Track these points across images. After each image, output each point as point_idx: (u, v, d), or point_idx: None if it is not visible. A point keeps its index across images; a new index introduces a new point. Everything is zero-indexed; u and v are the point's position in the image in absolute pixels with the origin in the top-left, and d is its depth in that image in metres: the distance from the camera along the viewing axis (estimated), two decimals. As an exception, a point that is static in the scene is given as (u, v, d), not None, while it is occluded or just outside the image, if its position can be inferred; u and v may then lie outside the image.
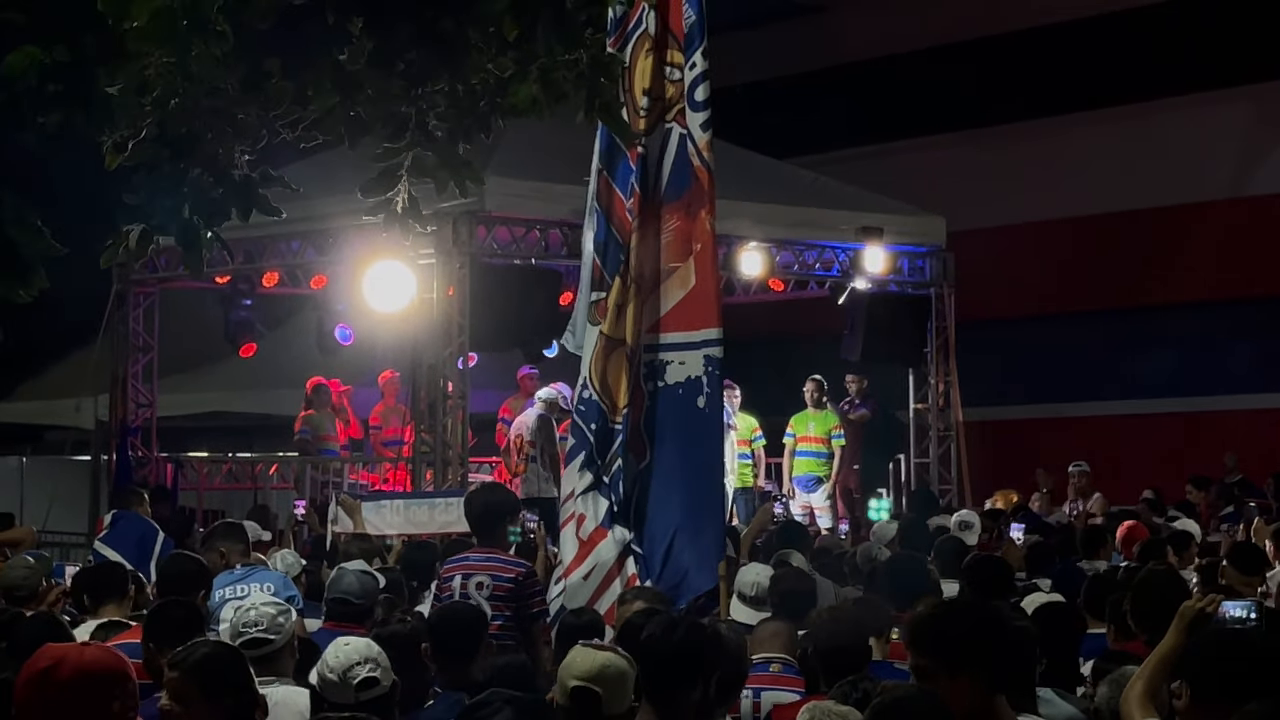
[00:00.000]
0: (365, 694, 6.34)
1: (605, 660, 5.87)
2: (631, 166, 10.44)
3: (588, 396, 10.41)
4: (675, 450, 10.17)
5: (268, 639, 7.09)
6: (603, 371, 10.37)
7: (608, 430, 10.29)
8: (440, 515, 12.98)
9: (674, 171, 10.41)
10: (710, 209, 10.42)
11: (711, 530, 10.13)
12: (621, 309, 10.37)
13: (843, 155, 26.66)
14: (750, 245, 18.27)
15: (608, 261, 10.53)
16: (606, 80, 6.20)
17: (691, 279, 10.41)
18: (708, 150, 10.39)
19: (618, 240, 10.50)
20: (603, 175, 10.56)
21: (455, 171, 6.23)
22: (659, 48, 10.39)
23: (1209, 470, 20.03)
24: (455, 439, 16.74)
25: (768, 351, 22.67)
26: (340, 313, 17.90)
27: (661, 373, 10.33)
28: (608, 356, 10.38)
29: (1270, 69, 24.34)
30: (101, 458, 19.75)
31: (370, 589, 9.10)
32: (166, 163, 5.81)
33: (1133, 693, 5.64)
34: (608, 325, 10.42)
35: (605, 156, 10.54)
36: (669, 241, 10.42)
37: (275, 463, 19.27)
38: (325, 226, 17.05)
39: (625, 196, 10.48)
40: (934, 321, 19.87)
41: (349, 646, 6.48)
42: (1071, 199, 25.62)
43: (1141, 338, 25.08)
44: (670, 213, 10.42)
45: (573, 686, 5.78)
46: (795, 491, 19.61)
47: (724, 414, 11.37)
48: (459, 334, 16.53)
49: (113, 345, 19.76)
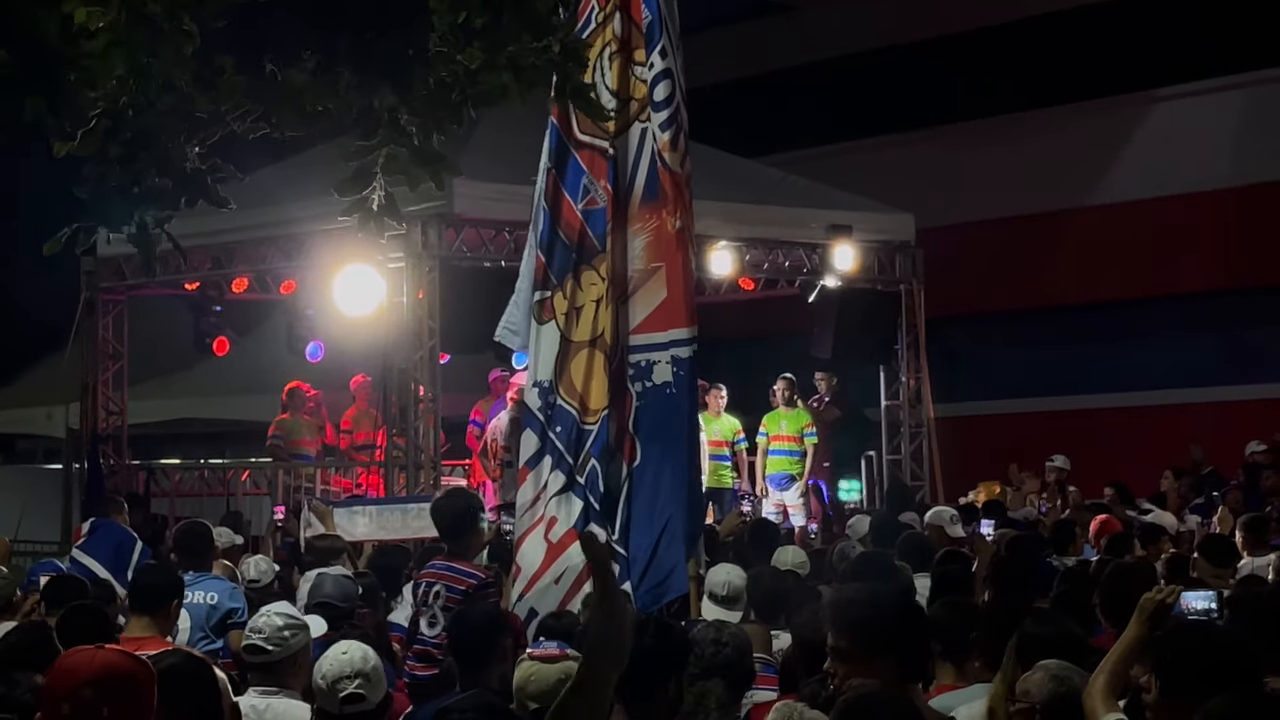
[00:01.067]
0: (350, 708, 6.33)
1: (560, 673, 5.73)
2: (582, 167, 10.40)
3: (553, 401, 10.36)
4: (664, 449, 10.16)
5: (264, 649, 7.14)
6: (567, 374, 10.34)
7: (577, 433, 10.26)
8: (413, 521, 12.97)
9: (650, 171, 10.40)
10: (673, 209, 10.37)
11: (694, 530, 10.14)
12: (580, 311, 10.34)
13: (811, 153, 26.68)
14: (720, 244, 18.31)
15: (554, 261, 10.49)
16: (575, 65, 6.21)
17: (666, 279, 10.40)
18: (668, 150, 10.34)
19: (564, 241, 10.46)
20: (551, 174, 10.51)
21: (430, 166, 6.22)
22: (625, 47, 10.37)
23: (1176, 463, 20.09)
24: (427, 443, 16.73)
25: (739, 351, 22.68)
26: (310, 319, 17.88)
27: (649, 373, 10.30)
28: (571, 359, 10.35)
29: (1238, 63, 24.45)
30: (73, 466, 19.69)
31: (350, 592, 9.11)
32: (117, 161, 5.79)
33: (1095, 686, 5.64)
34: (568, 328, 10.39)
35: (554, 156, 10.48)
36: (650, 241, 10.38)
37: (247, 469, 19.23)
38: (294, 231, 17.03)
39: (574, 198, 10.45)
40: (904, 318, 19.92)
41: (345, 657, 6.46)
42: (1040, 195, 25.68)
43: (1110, 333, 25.18)
44: (650, 213, 10.39)
45: (534, 709, 5.70)
46: (768, 490, 19.63)
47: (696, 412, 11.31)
48: (429, 337, 16.53)
49: (82, 353, 19.70)
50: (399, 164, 6.12)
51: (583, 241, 10.47)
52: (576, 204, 10.45)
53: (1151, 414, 24.35)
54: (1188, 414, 23.71)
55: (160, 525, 17.00)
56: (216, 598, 9.52)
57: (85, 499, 18.15)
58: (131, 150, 5.77)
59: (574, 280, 10.42)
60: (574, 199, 10.46)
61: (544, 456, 10.30)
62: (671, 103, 10.29)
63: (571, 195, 10.47)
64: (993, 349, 25.65)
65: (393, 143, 6.03)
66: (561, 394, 10.34)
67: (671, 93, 10.29)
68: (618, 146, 10.39)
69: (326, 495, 16.95)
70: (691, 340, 10.30)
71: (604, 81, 10.29)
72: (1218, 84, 24.75)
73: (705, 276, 18.65)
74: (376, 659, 6.60)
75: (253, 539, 16.37)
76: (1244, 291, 23.98)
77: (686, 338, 10.29)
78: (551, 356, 10.40)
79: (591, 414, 10.25)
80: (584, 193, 10.43)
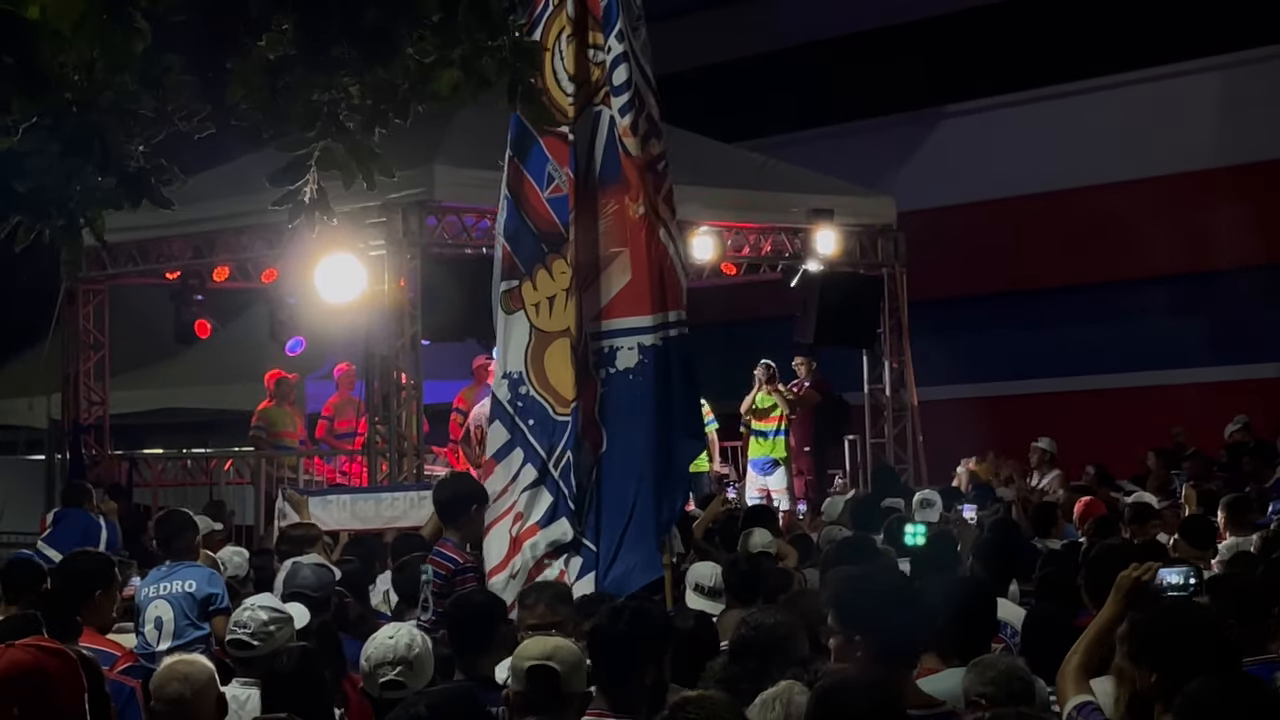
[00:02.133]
0: (389, 694, 6.37)
1: (558, 644, 5.92)
2: (546, 155, 10.31)
3: (524, 392, 10.29)
4: (629, 437, 10.12)
5: (249, 644, 7.20)
6: (540, 366, 10.28)
7: (551, 424, 10.20)
8: (386, 510, 13.03)
9: (607, 154, 10.30)
10: (636, 194, 10.28)
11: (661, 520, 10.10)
12: (553, 300, 10.27)
13: (792, 138, 26.70)
14: (701, 229, 18.30)
15: (520, 250, 10.39)
16: (528, 66, 6.17)
17: (629, 265, 10.31)
18: (628, 136, 10.25)
19: (531, 230, 10.37)
20: (514, 162, 10.41)
21: (363, 163, 6.18)
22: (579, 30, 10.25)
23: (1157, 444, 20.13)
24: (410, 430, 16.72)
25: (721, 335, 22.67)
26: (291, 306, 17.85)
27: (612, 359, 10.23)
28: (544, 350, 10.28)
29: (1215, 45, 24.49)
30: (55, 457, 19.64)
31: (326, 580, 9.09)
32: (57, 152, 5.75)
33: (1069, 666, 5.61)
34: (540, 319, 10.31)
35: (516, 144, 10.39)
36: (609, 226, 10.27)
37: (230, 458, 19.20)
38: (275, 220, 16.88)
39: (539, 185, 10.37)
40: (886, 302, 19.93)
41: (390, 642, 6.52)
42: (1021, 177, 25.71)
43: (1091, 315, 25.22)
44: (608, 197, 10.30)
45: (529, 666, 5.76)
46: (751, 474, 19.64)
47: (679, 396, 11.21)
48: (411, 325, 16.51)
49: (63, 343, 19.66)
50: (334, 159, 6.08)
51: (551, 230, 10.38)
52: (543, 191, 10.35)
53: (1132, 395, 24.41)
54: (1168, 395, 23.77)
55: (143, 515, 16.96)
56: (195, 584, 9.50)
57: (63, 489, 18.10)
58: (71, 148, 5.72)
59: (545, 269, 10.35)
60: (540, 186, 10.37)
61: (513, 448, 10.23)
62: (630, 86, 10.17)
63: (537, 182, 10.37)
64: (974, 331, 25.66)
65: (330, 137, 5.98)
66: (534, 385, 10.26)
67: (629, 77, 10.18)
68: (576, 131, 10.32)
69: (310, 484, 16.94)
70: (660, 327, 10.21)
71: (561, 65, 10.23)
72: (1196, 65, 24.81)
73: (687, 261, 18.64)
74: (424, 645, 6.61)
75: (235, 528, 16.35)
76: (1223, 273, 24.02)
77: (652, 324, 10.20)
78: (521, 347, 10.33)
79: (565, 405, 10.19)
80: (549, 180, 10.35)
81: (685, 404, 10.44)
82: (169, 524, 10.20)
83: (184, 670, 5.97)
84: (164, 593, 9.41)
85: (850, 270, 19.80)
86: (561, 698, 5.74)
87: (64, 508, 13.70)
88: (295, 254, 17.05)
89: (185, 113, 5.88)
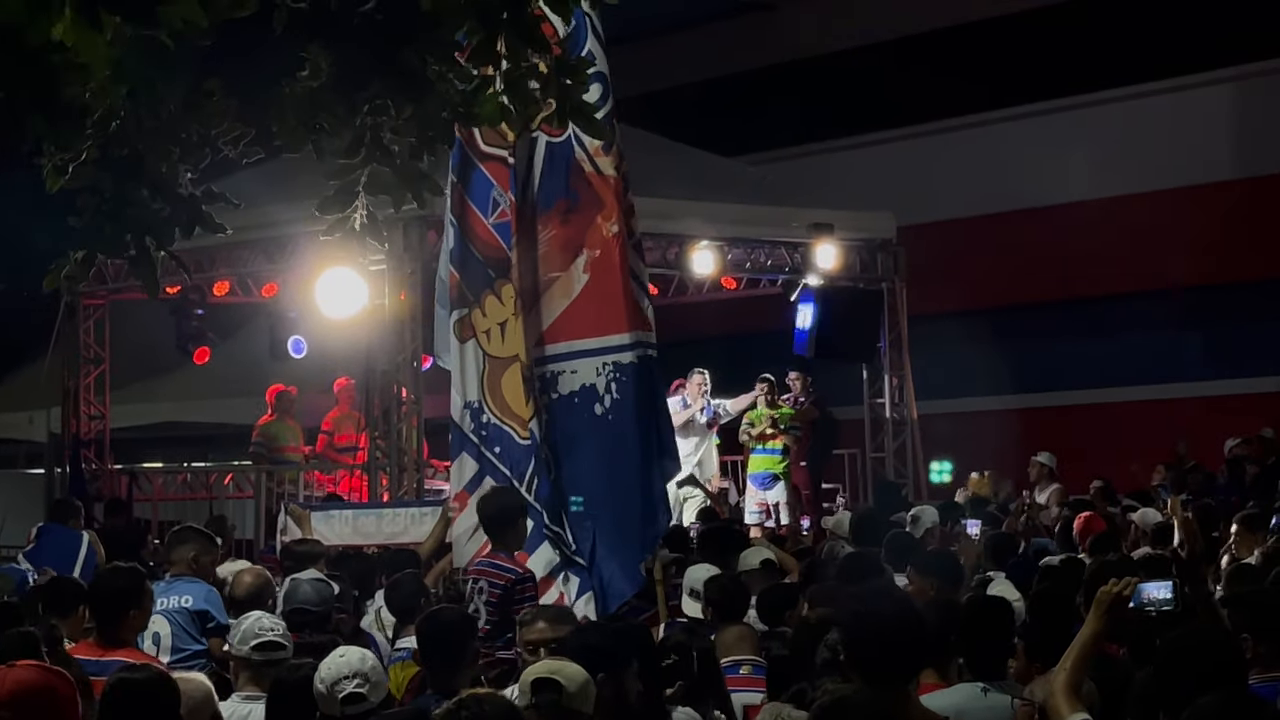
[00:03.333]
0: (351, 708, 6.35)
1: (564, 663, 5.97)
2: (490, 180, 10.23)
3: (486, 420, 10.23)
4: (582, 460, 10.10)
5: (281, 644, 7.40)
6: (498, 392, 10.23)
7: (518, 450, 10.16)
8: (387, 526, 13.03)
9: (545, 180, 10.26)
10: (610, 213, 10.24)
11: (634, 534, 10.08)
12: (504, 326, 10.22)
13: (792, 152, 26.73)
14: (702, 244, 18.30)
15: (469, 277, 10.30)
16: (574, 82, 6.13)
17: (575, 287, 10.24)
18: (600, 155, 10.21)
19: (477, 257, 10.30)
20: (457, 188, 10.33)
21: (412, 186, 6.17)
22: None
23: (1160, 458, 20.13)
24: (410, 445, 16.71)
25: (721, 349, 22.67)
26: (292, 320, 17.84)
27: (554, 384, 10.21)
28: (500, 376, 10.23)
29: (1214, 60, 24.51)
30: (55, 471, 19.63)
31: (326, 596, 9.09)
32: (109, 186, 5.77)
33: (1057, 684, 5.58)
34: (493, 346, 10.25)
35: (459, 169, 10.32)
36: (545, 252, 10.25)
37: (230, 472, 19.18)
38: (276, 234, 16.98)
39: (484, 211, 10.29)
40: (886, 316, 19.93)
41: (343, 659, 6.50)
42: (1021, 191, 25.71)
43: (1091, 329, 25.22)
44: (544, 223, 10.26)
45: (533, 680, 5.82)
46: (750, 488, 19.61)
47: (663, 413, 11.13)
48: (412, 340, 16.49)
49: (63, 357, 19.65)
50: (382, 183, 6.07)
51: (498, 255, 10.31)
52: (488, 217, 10.29)
53: (1133, 409, 24.39)
54: (1170, 409, 23.75)
55: (143, 529, 16.94)
56: (191, 600, 9.48)
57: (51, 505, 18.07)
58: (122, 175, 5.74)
59: (493, 295, 10.29)
60: (484, 212, 10.30)
61: (484, 477, 10.20)
62: (606, 103, 10.15)
63: (481, 208, 10.30)
64: (975, 346, 25.64)
65: (375, 161, 5.98)
66: (494, 412, 10.22)
67: (601, 95, 10.15)
68: (515, 156, 10.26)
69: (311, 499, 16.92)
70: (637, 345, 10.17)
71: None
72: (1196, 80, 24.82)
73: (687, 276, 18.69)
74: (376, 662, 6.61)
75: (236, 542, 16.33)
76: (1225, 287, 24.03)
77: (630, 342, 10.17)
78: (475, 375, 10.29)
79: (527, 428, 10.17)
80: (494, 205, 10.29)
81: (660, 423, 10.45)
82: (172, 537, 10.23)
83: (181, 688, 5.96)
84: (161, 608, 9.39)
85: (850, 285, 19.80)
86: (565, 713, 5.76)
87: (49, 523, 13.67)
88: (296, 269, 17.06)
89: (231, 137, 5.88)
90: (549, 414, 10.14)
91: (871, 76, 27.43)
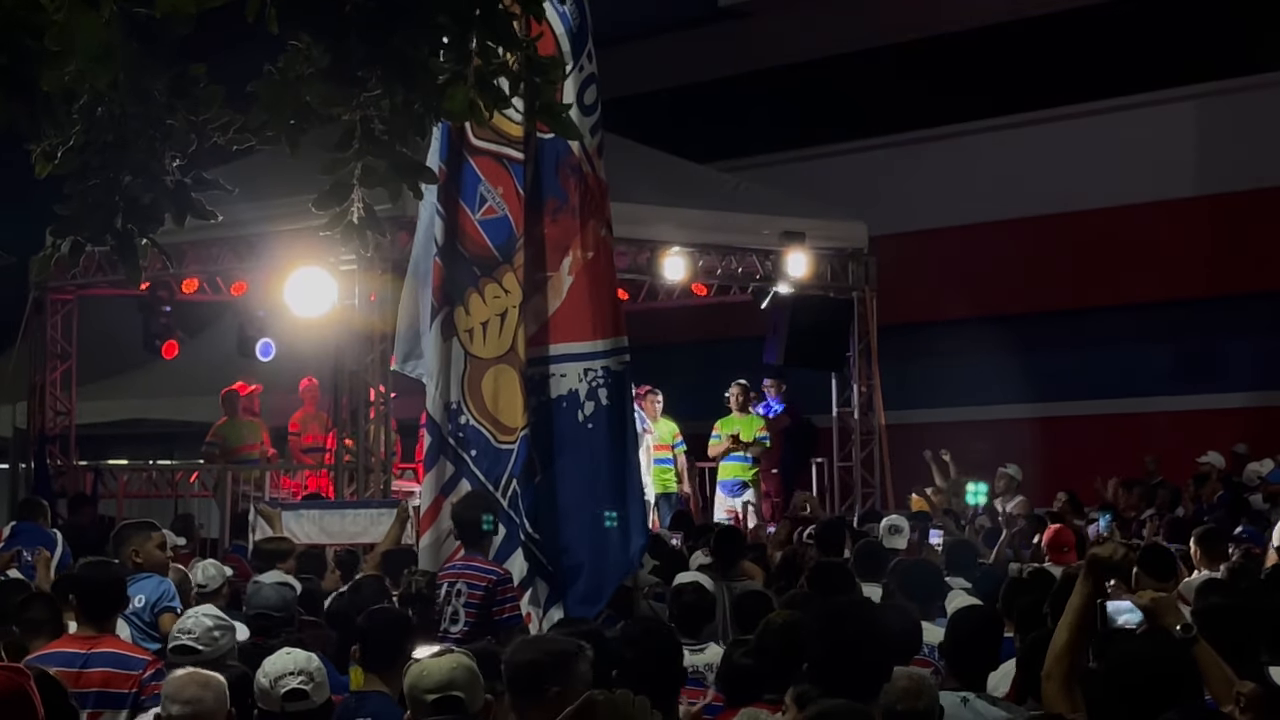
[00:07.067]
0: (292, 705, 6.32)
1: (452, 664, 5.84)
2: (478, 175, 10.07)
3: (464, 422, 10.10)
4: (565, 465, 10.05)
5: (194, 649, 7.23)
6: (478, 393, 10.11)
7: (494, 453, 10.06)
8: (350, 525, 13.12)
9: (542, 179, 10.18)
10: (603, 216, 10.19)
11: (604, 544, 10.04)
12: (487, 326, 10.10)
13: (765, 160, 26.74)
14: (673, 250, 18.29)
15: (452, 273, 10.10)
16: (545, 81, 6.10)
17: (564, 289, 10.16)
18: (597, 157, 10.15)
19: (463, 253, 10.15)
20: (446, 179, 10.07)
21: (409, 177, 6.13)
22: None
23: (1130, 472, 20.18)
24: (378, 446, 16.66)
25: (691, 356, 22.70)
26: (261, 319, 17.78)
27: (544, 387, 10.14)
28: (480, 377, 10.10)
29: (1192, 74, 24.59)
30: (20, 466, 19.53)
31: (289, 599, 9.09)
32: (96, 171, 5.72)
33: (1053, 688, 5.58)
34: (475, 345, 10.11)
35: (449, 162, 10.12)
36: (535, 253, 10.16)
37: (196, 470, 19.12)
38: (246, 233, 16.90)
39: (471, 206, 10.13)
40: (856, 325, 19.95)
41: (289, 656, 6.49)
42: (992, 203, 25.76)
43: (1062, 342, 25.29)
44: (536, 222, 10.17)
45: (433, 700, 5.72)
46: (720, 495, 19.61)
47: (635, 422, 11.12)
48: (381, 341, 16.43)
49: (30, 352, 19.55)
50: (377, 176, 6.03)
51: (483, 253, 10.15)
52: (474, 213, 10.14)
53: (1103, 423, 24.46)
54: (1139, 423, 23.82)
55: (107, 526, 16.85)
56: (143, 598, 9.43)
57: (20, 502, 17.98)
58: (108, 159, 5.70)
59: (477, 294, 10.16)
60: (471, 208, 10.15)
61: (459, 481, 10.12)
62: (597, 108, 10.12)
63: (469, 204, 10.14)
64: (945, 356, 25.69)
65: (369, 154, 5.95)
66: (473, 413, 10.09)
67: (597, 98, 10.12)
68: (526, 153, 10.13)
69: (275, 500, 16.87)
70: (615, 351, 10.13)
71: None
72: (1172, 95, 24.89)
73: (658, 281, 18.69)
74: (320, 664, 6.58)
75: (202, 541, 16.27)
76: (1196, 302, 24.11)
77: (609, 349, 10.12)
78: (458, 375, 10.17)
79: (508, 433, 10.03)
80: (481, 201, 10.15)
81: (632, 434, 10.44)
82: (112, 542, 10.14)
83: (203, 678, 6.03)
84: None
85: (821, 293, 19.81)
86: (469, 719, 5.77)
87: (19, 522, 13.60)
88: (265, 267, 17.00)
89: (219, 123, 5.84)
90: (537, 416, 10.05)
91: (846, 85, 27.46)
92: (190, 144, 5.94)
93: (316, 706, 6.37)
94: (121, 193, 5.85)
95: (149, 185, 5.90)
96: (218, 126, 5.88)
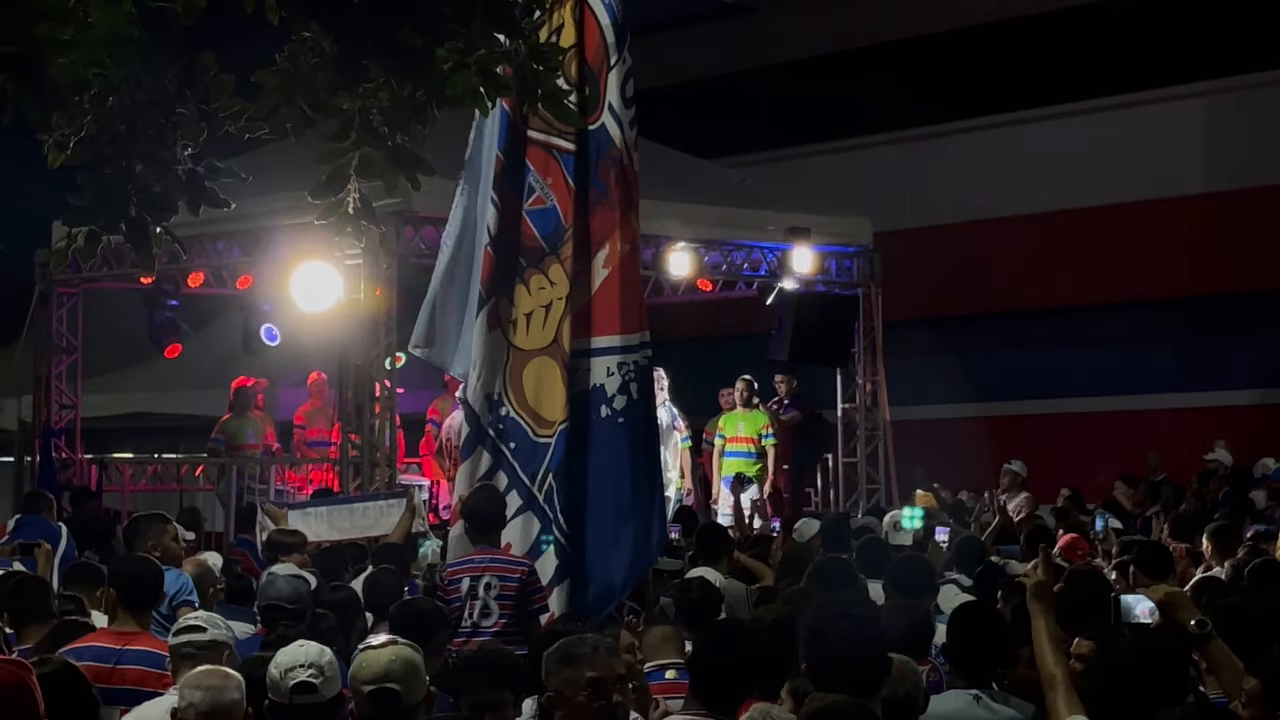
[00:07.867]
0: (300, 698, 6.30)
1: (391, 655, 5.89)
2: (528, 165, 9.99)
3: (504, 414, 10.03)
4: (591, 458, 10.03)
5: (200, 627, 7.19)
6: (519, 385, 10.05)
7: (532, 447, 10.01)
8: (360, 519, 13.02)
9: (594, 173, 10.14)
10: (637, 210, 10.18)
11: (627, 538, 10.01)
12: (530, 317, 10.05)
13: (770, 156, 26.73)
14: (678, 245, 18.29)
15: (502, 262, 10.01)
16: (546, 69, 6.10)
17: (596, 282, 10.11)
18: (635, 150, 10.13)
19: (513, 243, 10.10)
20: (500, 162, 9.97)
21: (406, 168, 6.14)
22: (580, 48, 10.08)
23: (1134, 469, 20.18)
24: (383, 440, 16.66)
25: (696, 351, 22.68)
26: (266, 313, 17.78)
27: (573, 380, 10.08)
28: (522, 368, 10.04)
29: (1197, 71, 24.58)
30: (25, 459, 19.55)
31: (303, 592, 9.04)
32: (109, 160, 5.73)
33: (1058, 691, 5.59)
34: (518, 337, 10.04)
35: (508, 149, 10.00)
36: (579, 245, 10.10)
37: (201, 464, 19.13)
38: (252, 226, 16.93)
39: (520, 197, 10.03)
40: (861, 321, 19.95)
41: (301, 649, 6.47)
42: (998, 199, 25.77)
43: (1066, 338, 25.28)
44: (581, 213, 10.12)
45: (369, 691, 5.78)
46: (723, 492, 19.61)
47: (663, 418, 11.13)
48: (387, 335, 16.45)
49: (36, 346, 19.57)
50: (374, 167, 6.04)
51: (530, 243, 10.08)
52: (523, 203, 10.10)
53: (1107, 419, 24.45)
54: (1143, 420, 23.81)
55: (112, 519, 16.87)
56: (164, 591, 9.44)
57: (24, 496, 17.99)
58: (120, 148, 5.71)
59: (522, 285, 10.09)
60: (520, 197, 10.10)
61: (497, 472, 10.06)
62: (634, 101, 10.11)
63: (517, 193, 10.08)
64: (949, 353, 25.68)
65: (367, 144, 5.95)
66: (513, 405, 10.03)
67: (635, 91, 10.10)
68: (578, 143, 10.09)
69: (281, 495, 16.88)
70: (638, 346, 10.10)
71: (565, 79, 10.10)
72: (1177, 92, 24.88)
73: (663, 277, 18.68)
74: (333, 658, 6.58)
75: (207, 534, 16.29)
76: (1200, 299, 24.10)
77: (640, 343, 10.09)
78: (500, 367, 10.09)
79: (546, 426, 9.95)
80: (529, 191, 10.08)
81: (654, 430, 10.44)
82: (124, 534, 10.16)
83: (223, 670, 6.11)
84: None
85: (826, 289, 19.82)
86: (405, 711, 5.78)
87: (25, 515, 13.62)
88: (271, 261, 17.00)
89: (230, 112, 5.85)
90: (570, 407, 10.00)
91: (852, 82, 27.45)
92: (201, 132, 5.95)
93: (325, 700, 6.35)
94: (134, 181, 5.86)
95: (161, 174, 5.91)
96: (228, 115, 5.89)
